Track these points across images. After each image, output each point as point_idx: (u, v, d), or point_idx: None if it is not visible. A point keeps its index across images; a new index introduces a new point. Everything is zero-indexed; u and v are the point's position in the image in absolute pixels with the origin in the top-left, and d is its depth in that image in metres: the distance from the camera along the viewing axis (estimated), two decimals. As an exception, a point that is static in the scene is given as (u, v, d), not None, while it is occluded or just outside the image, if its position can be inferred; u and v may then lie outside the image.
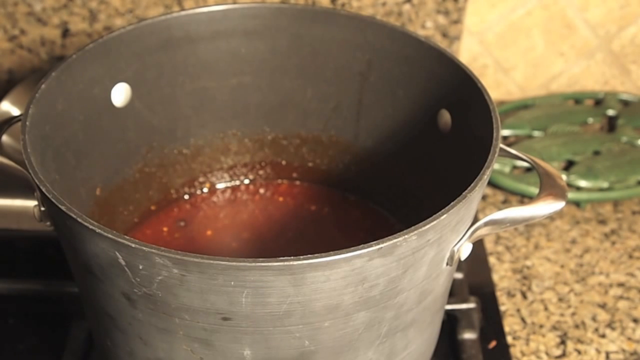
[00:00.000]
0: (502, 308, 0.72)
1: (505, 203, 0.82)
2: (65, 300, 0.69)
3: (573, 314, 0.71)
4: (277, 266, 0.44)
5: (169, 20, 0.64)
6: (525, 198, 0.83)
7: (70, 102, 0.59)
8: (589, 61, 0.93)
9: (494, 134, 0.53)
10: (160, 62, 0.65)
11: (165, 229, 0.70)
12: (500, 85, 0.94)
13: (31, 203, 0.54)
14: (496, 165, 0.83)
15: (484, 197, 0.82)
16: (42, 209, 0.53)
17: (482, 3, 0.88)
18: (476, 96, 0.57)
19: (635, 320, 0.71)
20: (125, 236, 0.45)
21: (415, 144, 0.67)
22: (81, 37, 0.85)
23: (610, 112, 0.91)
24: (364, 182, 0.72)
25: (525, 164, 0.74)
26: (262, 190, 0.74)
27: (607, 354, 0.68)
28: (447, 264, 0.51)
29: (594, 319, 0.71)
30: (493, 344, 0.68)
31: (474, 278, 0.73)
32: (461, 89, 0.59)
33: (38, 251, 0.74)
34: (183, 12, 0.65)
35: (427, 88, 0.64)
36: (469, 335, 0.67)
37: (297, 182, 0.75)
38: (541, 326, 0.70)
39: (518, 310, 0.72)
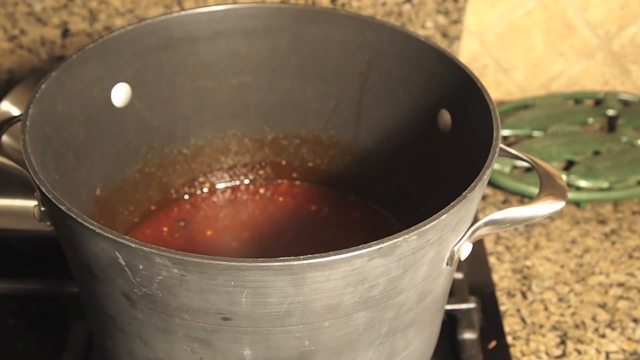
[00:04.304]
0: (502, 308, 0.72)
1: (505, 203, 0.82)
2: (65, 300, 0.69)
3: (573, 314, 0.71)
4: (277, 266, 0.44)
5: (169, 20, 0.64)
6: (525, 198, 0.83)
7: (70, 102, 0.59)
8: (589, 61, 0.93)
9: (494, 134, 0.53)
10: (160, 62, 0.65)
11: (165, 229, 0.70)
12: (500, 85, 0.94)
13: (31, 203, 0.54)
14: (496, 165, 0.83)
15: (484, 197, 0.82)
16: (42, 209, 0.53)
17: (482, 3, 0.88)
18: (476, 96, 0.57)
19: (635, 320, 0.71)
20: (125, 236, 0.45)
21: (415, 144, 0.67)
22: (81, 37, 0.85)
23: (610, 112, 0.91)
24: (364, 182, 0.72)
25: (525, 164, 0.74)
26: (262, 190, 0.74)
27: (607, 354, 0.68)
28: (447, 264, 0.51)
29: (594, 319, 0.71)
30: (493, 344, 0.68)
31: (474, 278, 0.73)
32: (461, 89, 0.59)
33: (38, 251, 0.74)
34: (183, 12, 0.65)
35: (427, 88, 0.64)
36: (469, 335, 0.67)
37: (297, 182, 0.75)
38: (541, 326, 0.70)
39: (518, 310, 0.72)
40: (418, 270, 0.49)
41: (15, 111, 0.76)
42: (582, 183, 0.82)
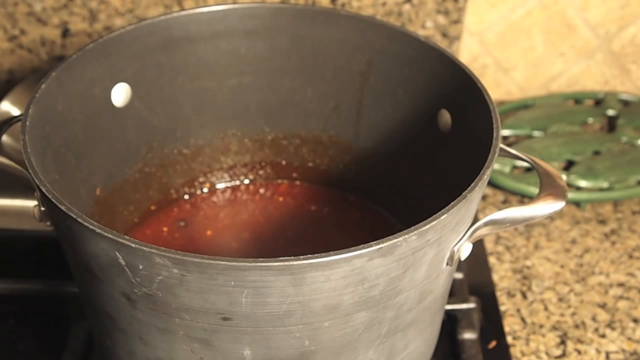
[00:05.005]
0: (502, 308, 0.72)
1: (505, 203, 0.82)
2: (65, 300, 0.69)
3: (573, 314, 0.71)
4: (277, 266, 0.44)
5: (169, 20, 0.64)
6: (525, 198, 0.83)
7: (70, 102, 0.59)
8: (589, 61, 0.93)
9: (494, 134, 0.53)
10: (160, 62, 0.65)
11: (165, 229, 0.70)
12: (500, 85, 0.94)
13: (31, 203, 0.54)
14: (496, 165, 0.83)
15: (484, 197, 0.82)
16: (42, 209, 0.53)
17: (482, 3, 0.88)
18: (476, 96, 0.57)
19: (635, 320, 0.71)
20: (125, 236, 0.45)
21: (415, 144, 0.67)
22: (81, 37, 0.85)
23: (610, 112, 0.91)
24: (364, 182, 0.72)
25: (525, 164, 0.74)
26: (262, 190, 0.74)
27: (607, 354, 0.68)
28: (447, 264, 0.51)
29: (594, 319, 0.71)
30: (493, 344, 0.68)
31: (474, 278, 0.73)
32: (461, 89, 0.59)
33: (38, 251, 0.74)
34: (183, 12, 0.65)
35: (427, 88, 0.64)
36: (469, 335, 0.67)
37: (297, 182, 0.75)
38: (541, 326, 0.70)
39: (518, 310, 0.72)
40: (418, 270, 0.49)
41: (15, 111, 0.76)
42: (582, 183, 0.82)
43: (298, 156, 0.74)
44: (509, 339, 0.69)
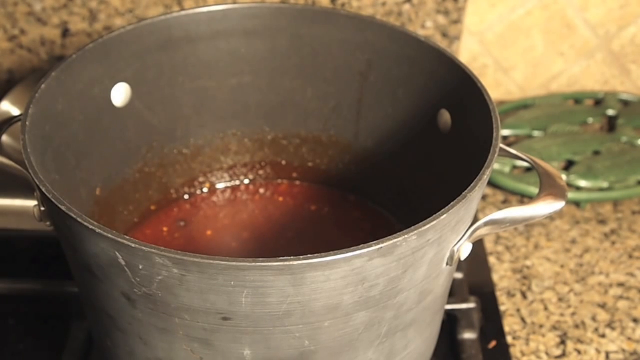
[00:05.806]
0: (502, 308, 0.72)
1: (505, 203, 0.82)
2: (65, 300, 0.69)
3: (573, 314, 0.71)
4: (277, 266, 0.44)
5: (169, 20, 0.64)
6: (525, 198, 0.83)
7: (70, 102, 0.59)
8: (589, 61, 0.93)
9: (494, 134, 0.53)
10: (160, 62, 0.65)
11: (165, 229, 0.70)
12: (500, 85, 0.94)
13: (31, 203, 0.54)
14: (496, 165, 0.83)
15: (484, 197, 0.82)
16: (42, 209, 0.53)
17: (482, 3, 0.88)
18: (476, 96, 0.57)
19: (635, 320, 0.71)
20: (125, 236, 0.45)
21: (415, 144, 0.67)
22: (81, 37, 0.85)
23: (610, 112, 0.91)
24: (364, 182, 0.72)
25: (525, 164, 0.74)
26: (262, 190, 0.74)
27: (607, 354, 0.68)
28: (447, 264, 0.51)
29: (594, 319, 0.71)
30: (493, 344, 0.68)
31: (474, 278, 0.73)
32: (461, 89, 0.59)
33: (38, 251, 0.74)
34: (183, 12, 0.65)
35: (427, 88, 0.64)
36: (469, 335, 0.67)
37: (297, 182, 0.75)
38: (541, 326, 0.70)
39: (518, 310, 0.72)
40: (418, 270, 0.49)
41: (15, 111, 0.76)
42: (582, 183, 0.82)
43: (298, 156, 0.74)
44: (509, 339, 0.69)
